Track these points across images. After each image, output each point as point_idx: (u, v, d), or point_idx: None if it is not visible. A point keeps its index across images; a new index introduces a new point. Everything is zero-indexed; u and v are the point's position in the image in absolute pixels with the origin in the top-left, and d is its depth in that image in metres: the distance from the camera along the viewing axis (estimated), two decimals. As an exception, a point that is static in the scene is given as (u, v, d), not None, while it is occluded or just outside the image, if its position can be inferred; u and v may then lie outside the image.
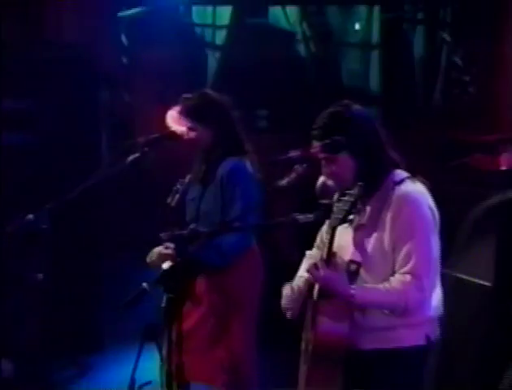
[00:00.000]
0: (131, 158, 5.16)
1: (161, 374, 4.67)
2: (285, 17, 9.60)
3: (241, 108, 5.43)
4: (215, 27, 9.57)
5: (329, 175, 4.17)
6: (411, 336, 3.99)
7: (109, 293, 6.69)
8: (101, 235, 5.83)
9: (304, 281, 4.27)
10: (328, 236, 4.05)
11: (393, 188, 4.01)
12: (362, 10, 9.72)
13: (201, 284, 5.25)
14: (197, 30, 9.55)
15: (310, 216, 4.41)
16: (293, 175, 4.72)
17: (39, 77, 7.47)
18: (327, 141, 4.00)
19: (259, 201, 5.30)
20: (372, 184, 4.03)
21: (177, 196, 5.28)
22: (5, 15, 7.49)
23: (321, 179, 4.40)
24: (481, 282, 5.95)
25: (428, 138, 7.92)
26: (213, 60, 9.49)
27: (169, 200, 5.32)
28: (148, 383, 5.97)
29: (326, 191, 4.30)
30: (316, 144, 4.05)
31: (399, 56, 9.81)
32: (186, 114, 5.15)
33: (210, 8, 9.45)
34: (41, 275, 6.74)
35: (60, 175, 6.23)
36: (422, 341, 3.97)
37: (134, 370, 5.04)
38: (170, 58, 8.42)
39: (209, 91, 5.53)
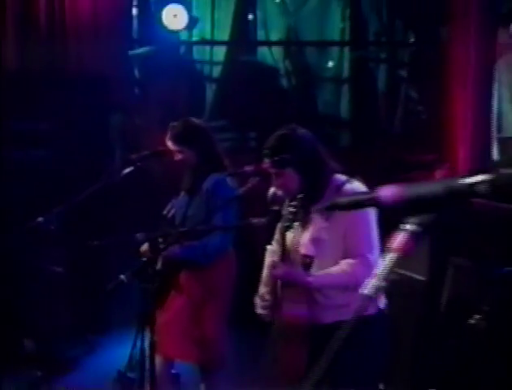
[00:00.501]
0: (125, 170, 5.22)
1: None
2: (271, 55, 9.67)
3: (235, 131, 5.49)
4: (212, 63, 9.62)
5: (278, 187, 4.24)
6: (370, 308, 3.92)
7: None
8: (106, 235, 5.89)
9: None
10: (281, 238, 4.19)
11: (339, 190, 4.07)
12: (335, 50, 9.77)
13: (183, 277, 5.25)
14: (197, 66, 9.64)
15: (263, 220, 4.50)
16: (248, 186, 4.74)
17: (59, 103, 7.49)
18: (276, 159, 4.08)
19: (237, 208, 5.28)
20: (317, 191, 4.10)
21: (173, 210, 5.40)
22: (32, 48, 7.58)
23: (272, 189, 4.36)
24: (417, 276, 6.04)
25: (389, 157, 7.94)
26: (210, 91, 9.53)
27: (165, 212, 5.43)
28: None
29: (276, 199, 4.31)
30: (267, 161, 4.14)
31: (365, 89, 9.86)
32: (173, 140, 5.17)
33: (208, 47, 9.53)
34: (60, 269, 6.86)
35: (71, 186, 6.30)
36: (373, 311, 3.99)
37: (131, 354, 5.04)
38: (174, 88, 8.39)
39: (192, 119, 5.47)
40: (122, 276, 4.63)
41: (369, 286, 1.74)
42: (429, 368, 5.88)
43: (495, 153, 8.13)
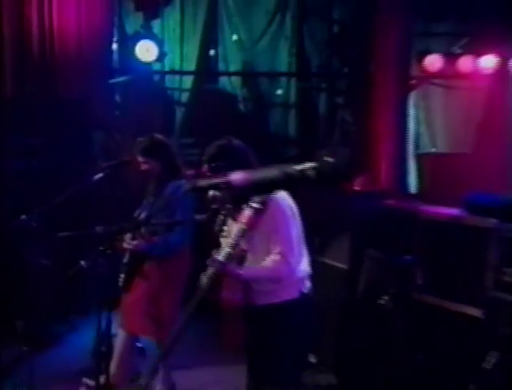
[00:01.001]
0: (96, 176, 5.20)
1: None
2: (230, 84, 9.75)
3: (200, 147, 5.51)
4: (181, 90, 9.64)
5: (215, 192, 4.20)
6: (288, 293, 4.04)
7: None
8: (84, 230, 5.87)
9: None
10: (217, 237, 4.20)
11: None
12: (283, 80, 9.88)
13: (147, 266, 5.18)
14: (168, 92, 9.64)
15: (204, 216, 4.55)
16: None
17: (50, 121, 7.49)
18: (212, 165, 4.08)
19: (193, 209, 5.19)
20: (247, 192, 4.08)
21: (143, 212, 5.33)
22: (27, 76, 7.62)
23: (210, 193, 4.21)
24: (339, 265, 6.11)
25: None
26: (179, 113, 9.55)
27: (136, 214, 5.39)
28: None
29: (215, 199, 4.09)
30: (205, 166, 4.14)
31: (309, 113, 9.98)
32: (140, 152, 5.10)
33: (177, 77, 9.56)
34: (46, 261, 6.87)
35: (59, 190, 6.33)
36: (296, 295, 4.02)
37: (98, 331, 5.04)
38: (148, 111, 8.38)
39: (156, 135, 5.36)
40: (82, 262, 4.69)
41: (223, 253, 1.77)
42: (350, 341, 5.92)
43: (411, 166, 8.29)
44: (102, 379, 4.90)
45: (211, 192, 4.30)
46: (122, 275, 5.16)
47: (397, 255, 5.62)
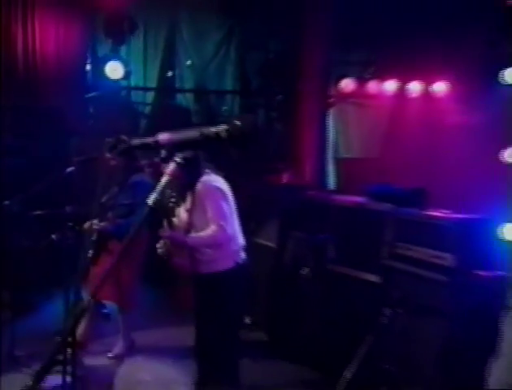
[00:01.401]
0: (68, 169, 5.13)
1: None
2: (185, 100, 9.68)
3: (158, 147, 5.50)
4: (145, 104, 9.54)
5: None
6: (226, 263, 4.09)
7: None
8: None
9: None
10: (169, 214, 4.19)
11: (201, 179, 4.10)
12: (229, 98, 9.83)
13: (111, 244, 5.19)
14: (134, 105, 9.49)
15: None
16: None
17: (33, 128, 7.50)
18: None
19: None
20: (193, 180, 4.06)
21: (110, 200, 5.29)
22: (14, 91, 7.45)
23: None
24: (269, 244, 6.16)
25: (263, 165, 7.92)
26: (143, 123, 9.43)
27: (103, 200, 5.25)
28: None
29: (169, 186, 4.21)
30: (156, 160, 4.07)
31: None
32: (108, 151, 4.91)
33: (141, 92, 9.46)
34: (28, 241, 6.73)
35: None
36: (233, 265, 4.08)
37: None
38: (117, 120, 8.29)
39: (122, 136, 4.90)
40: (53, 236, 4.69)
41: (151, 198, 1.75)
42: (278, 304, 6.00)
43: (330, 167, 8.43)
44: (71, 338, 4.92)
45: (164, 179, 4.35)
46: (90, 251, 5.03)
47: (315, 235, 5.67)
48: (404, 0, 7.05)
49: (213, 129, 1.53)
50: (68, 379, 4.04)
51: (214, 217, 4.03)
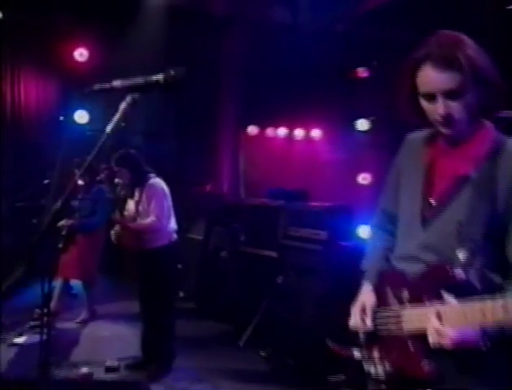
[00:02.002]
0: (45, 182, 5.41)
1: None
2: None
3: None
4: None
5: (119, 178, 4.15)
6: (162, 241, 4.02)
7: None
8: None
9: None
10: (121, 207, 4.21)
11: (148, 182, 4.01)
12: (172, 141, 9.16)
13: (78, 236, 5.20)
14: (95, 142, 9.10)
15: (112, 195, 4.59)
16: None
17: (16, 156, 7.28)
18: (117, 164, 4.07)
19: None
20: (139, 181, 4.03)
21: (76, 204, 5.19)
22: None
23: (116, 180, 4.18)
24: (198, 237, 6.14)
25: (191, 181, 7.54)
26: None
27: (73, 203, 5.15)
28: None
29: (119, 184, 4.15)
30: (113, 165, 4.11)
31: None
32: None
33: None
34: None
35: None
36: (167, 243, 4.03)
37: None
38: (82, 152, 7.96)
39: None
40: (34, 220, 4.63)
41: (109, 127, 1.56)
42: (204, 280, 6.02)
43: (241, 181, 8.28)
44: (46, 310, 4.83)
45: (116, 180, 4.18)
46: (60, 244, 4.92)
47: (230, 226, 5.75)
48: (289, 77, 7.24)
49: (154, 77, 1.47)
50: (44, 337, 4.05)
51: (155, 210, 3.96)
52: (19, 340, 4.58)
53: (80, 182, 5.22)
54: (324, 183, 7.14)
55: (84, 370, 3.94)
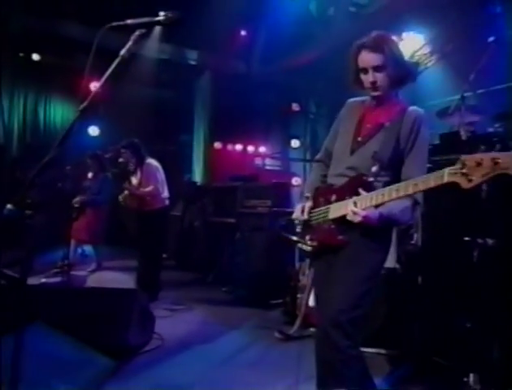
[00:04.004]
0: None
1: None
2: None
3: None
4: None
5: (123, 159, 4.03)
6: (157, 204, 3.95)
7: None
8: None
9: None
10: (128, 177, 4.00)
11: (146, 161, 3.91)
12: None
13: (88, 209, 4.96)
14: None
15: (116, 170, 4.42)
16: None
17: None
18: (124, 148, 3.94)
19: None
20: (141, 163, 3.94)
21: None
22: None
23: (120, 159, 4.05)
24: (178, 214, 5.85)
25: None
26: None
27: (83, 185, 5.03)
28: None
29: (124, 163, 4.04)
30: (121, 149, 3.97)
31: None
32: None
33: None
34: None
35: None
36: (162, 206, 3.98)
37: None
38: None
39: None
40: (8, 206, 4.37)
41: (122, 51, 1.33)
42: (181, 244, 5.79)
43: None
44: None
45: (120, 160, 4.04)
46: (74, 214, 4.82)
47: (201, 203, 5.58)
48: (243, 111, 7.18)
49: (156, 17, 1.33)
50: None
51: (152, 181, 3.93)
52: (44, 279, 4.41)
53: (90, 174, 5.10)
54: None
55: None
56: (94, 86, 5.87)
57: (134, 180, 4.09)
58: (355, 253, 1.57)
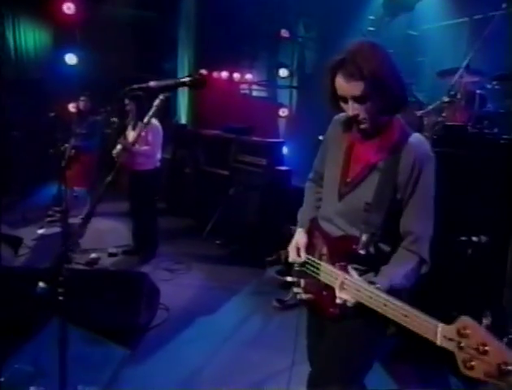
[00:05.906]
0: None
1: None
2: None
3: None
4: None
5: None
6: (150, 165, 3.78)
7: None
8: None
9: None
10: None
11: None
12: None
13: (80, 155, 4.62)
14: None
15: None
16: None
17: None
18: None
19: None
20: (142, 116, 3.35)
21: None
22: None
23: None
24: (168, 156, 5.41)
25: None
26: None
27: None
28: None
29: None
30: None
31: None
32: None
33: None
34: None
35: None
36: (154, 166, 3.81)
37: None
38: None
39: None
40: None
41: (146, 118, 1.35)
42: (173, 189, 5.52)
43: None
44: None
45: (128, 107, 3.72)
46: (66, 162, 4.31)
47: (192, 149, 5.23)
48: (230, 36, 6.54)
49: (181, 79, 1.28)
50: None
51: (150, 141, 3.72)
52: (41, 231, 4.34)
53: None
54: (258, 116, 6.55)
55: (93, 255, 3.83)
56: (68, 7, 5.07)
57: (131, 134, 3.80)
58: (351, 323, 1.33)
